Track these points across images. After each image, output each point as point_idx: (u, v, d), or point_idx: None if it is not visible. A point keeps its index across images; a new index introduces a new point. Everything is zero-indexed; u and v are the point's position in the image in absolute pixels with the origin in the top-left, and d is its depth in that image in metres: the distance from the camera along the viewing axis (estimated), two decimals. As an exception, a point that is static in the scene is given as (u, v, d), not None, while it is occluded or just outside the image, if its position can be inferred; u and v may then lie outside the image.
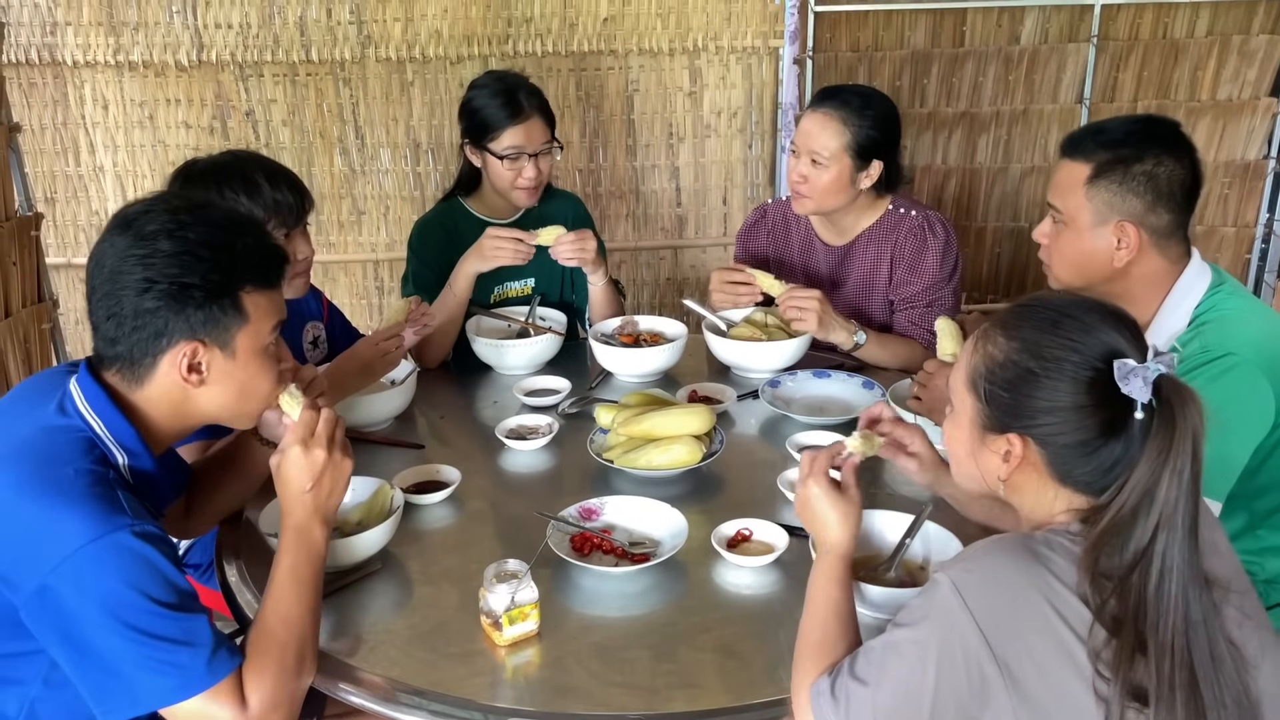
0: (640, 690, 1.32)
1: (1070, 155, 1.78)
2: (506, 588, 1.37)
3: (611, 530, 1.63)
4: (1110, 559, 1.07)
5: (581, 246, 2.29)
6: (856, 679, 1.14)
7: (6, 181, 2.61)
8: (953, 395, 1.26)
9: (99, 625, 1.19)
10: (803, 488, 1.40)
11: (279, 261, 1.42)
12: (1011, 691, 1.05)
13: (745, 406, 2.11)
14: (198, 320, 1.32)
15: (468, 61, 3.25)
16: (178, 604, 1.22)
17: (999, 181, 3.52)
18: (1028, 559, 1.09)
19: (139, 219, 1.32)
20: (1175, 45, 3.38)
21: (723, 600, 1.50)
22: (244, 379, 1.38)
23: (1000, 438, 1.18)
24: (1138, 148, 1.72)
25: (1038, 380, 1.13)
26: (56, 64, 3.22)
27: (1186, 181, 1.73)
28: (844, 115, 2.21)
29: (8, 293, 2.59)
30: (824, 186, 2.24)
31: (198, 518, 1.68)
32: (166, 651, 1.20)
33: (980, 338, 1.20)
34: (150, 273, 1.29)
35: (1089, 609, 1.05)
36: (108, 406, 1.33)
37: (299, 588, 1.35)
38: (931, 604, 1.10)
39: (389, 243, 3.45)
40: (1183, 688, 1.03)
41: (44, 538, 1.20)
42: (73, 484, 1.23)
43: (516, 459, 1.93)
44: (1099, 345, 1.12)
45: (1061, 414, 1.12)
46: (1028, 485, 1.19)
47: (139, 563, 1.21)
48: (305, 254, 2.00)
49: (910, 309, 2.31)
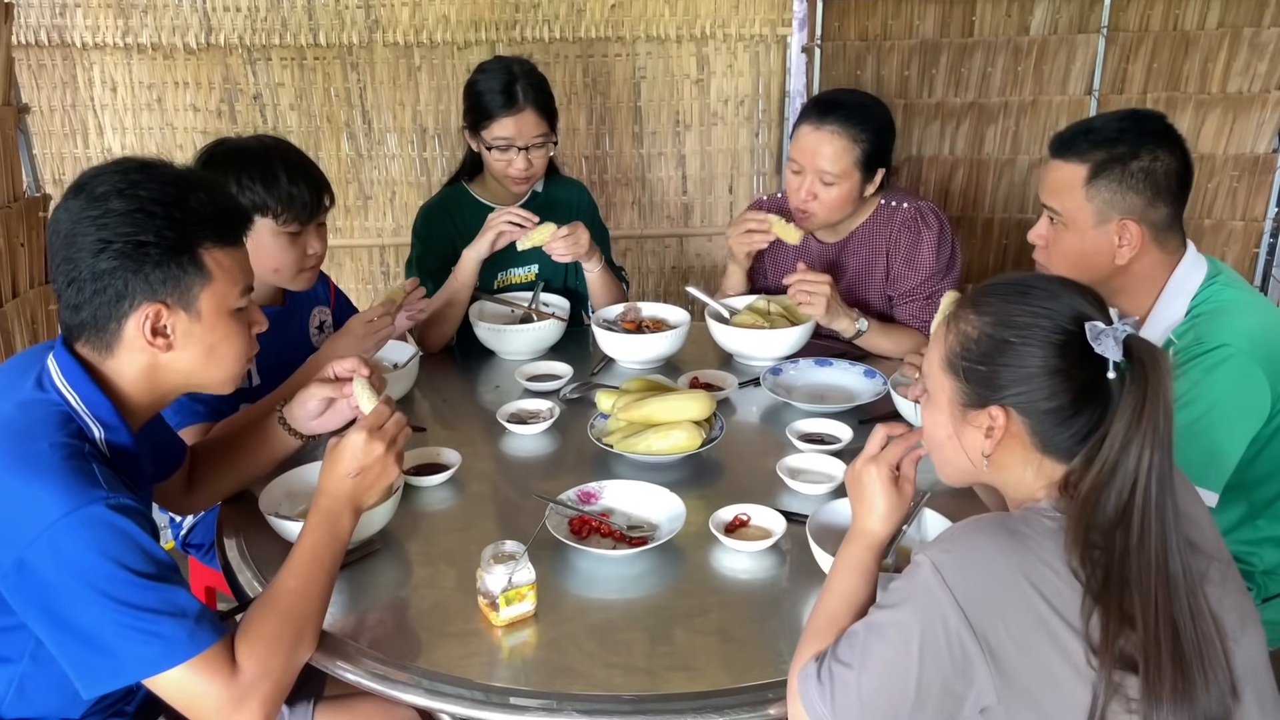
0: (637, 671, 1.32)
1: (1063, 156, 1.78)
2: (504, 569, 1.38)
3: (610, 514, 1.64)
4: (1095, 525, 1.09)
5: (575, 241, 2.28)
6: (841, 662, 1.14)
7: (15, 163, 2.62)
8: (928, 382, 1.27)
9: (77, 597, 1.18)
10: (865, 464, 1.35)
11: (239, 218, 1.41)
12: (992, 666, 1.06)
13: (746, 394, 2.11)
14: (157, 279, 1.30)
15: (475, 47, 3.25)
16: (156, 574, 1.22)
17: (1006, 172, 3.50)
18: (1005, 537, 1.11)
19: (90, 182, 1.31)
20: (1186, 37, 3.35)
21: (719, 584, 1.51)
22: (212, 341, 1.37)
23: (982, 412, 1.19)
24: (1132, 144, 1.73)
25: (1012, 348, 1.15)
26: (65, 45, 3.23)
27: (1181, 173, 1.74)
28: (851, 131, 2.18)
29: (15, 273, 2.60)
30: (834, 203, 2.23)
31: (201, 494, 1.70)
32: (147, 621, 1.19)
33: (951, 320, 1.23)
34: (104, 233, 1.28)
35: (1078, 581, 1.07)
36: (82, 379, 1.32)
37: (316, 568, 1.35)
38: (912, 585, 1.12)
39: (395, 228, 3.46)
40: (1167, 641, 1.04)
41: (20, 512, 1.20)
42: (48, 458, 1.22)
43: (517, 443, 1.94)
44: (1068, 309, 1.14)
45: (1038, 379, 1.14)
46: (1011, 460, 1.20)
47: (115, 535, 1.20)
48: (316, 250, 2.01)
49: (910, 303, 2.30)
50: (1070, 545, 1.08)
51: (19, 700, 1.33)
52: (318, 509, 1.40)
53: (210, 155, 1.94)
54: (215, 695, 1.23)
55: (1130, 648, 1.04)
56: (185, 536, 2.17)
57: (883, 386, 2.03)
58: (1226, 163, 3.45)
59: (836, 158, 2.18)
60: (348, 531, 1.41)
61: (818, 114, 2.21)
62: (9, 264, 2.58)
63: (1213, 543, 1.18)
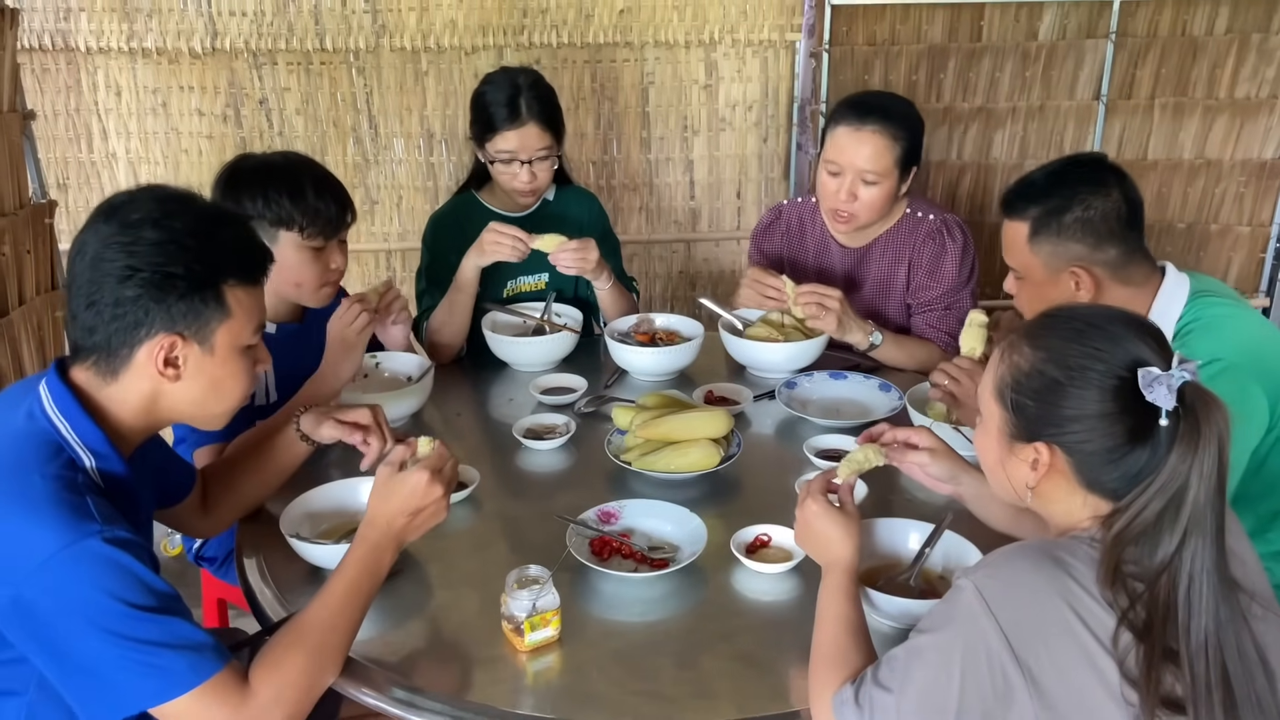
0: (663, 699, 1.32)
1: (1008, 215, 1.86)
2: (528, 594, 1.38)
3: (630, 534, 1.63)
4: (1137, 563, 1.09)
5: (582, 257, 2.26)
6: (880, 686, 1.15)
7: (21, 169, 2.61)
8: (981, 405, 1.28)
9: (76, 632, 1.18)
10: (801, 511, 1.44)
11: (262, 258, 1.42)
12: (1033, 692, 1.07)
13: (761, 407, 2.11)
14: (178, 312, 1.31)
15: (482, 52, 3.24)
16: (156, 606, 1.21)
17: (1014, 178, 3.45)
18: (1049, 564, 1.11)
19: (124, 207, 1.31)
20: (1194, 42, 3.35)
21: (743, 607, 1.51)
22: (220, 377, 1.37)
23: (1028, 446, 1.20)
24: (1064, 195, 1.77)
25: (1064, 389, 1.15)
26: (70, 50, 3.20)
27: (1121, 213, 1.77)
28: (891, 130, 2.19)
29: (22, 280, 2.58)
30: (874, 204, 2.23)
31: (218, 513, 1.69)
32: (147, 654, 1.19)
33: (1007, 348, 1.22)
34: (133, 260, 1.28)
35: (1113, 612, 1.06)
36: (73, 407, 1.32)
37: (351, 602, 1.35)
38: (955, 609, 1.12)
39: (401, 232, 3.44)
40: (1218, 688, 1.04)
41: (15, 548, 1.19)
42: (40, 491, 1.22)
43: (534, 458, 1.93)
44: (1124, 354, 1.14)
45: (1088, 422, 1.14)
46: (1055, 493, 1.20)
47: (112, 568, 1.19)
48: (338, 265, 2.00)
49: (929, 312, 2.31)
50: (1103, 578, 1.08)
51: None
52: (365, 541, 1.39)
53: (236, 170, 1.93)
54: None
55: (1176, 689, 1.04)
56: (198, 550, 2.16)
57: (898, 401, 2.02)
58: (1234, 168, 3.46)
59: (878, 157, 2.18)
60: (388, 567, 1.41)
61: (856, 115, 2.21)
62: (16, 270, 2.56)
63: (1256, 579, 1.18)
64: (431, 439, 1.50)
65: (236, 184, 1.92)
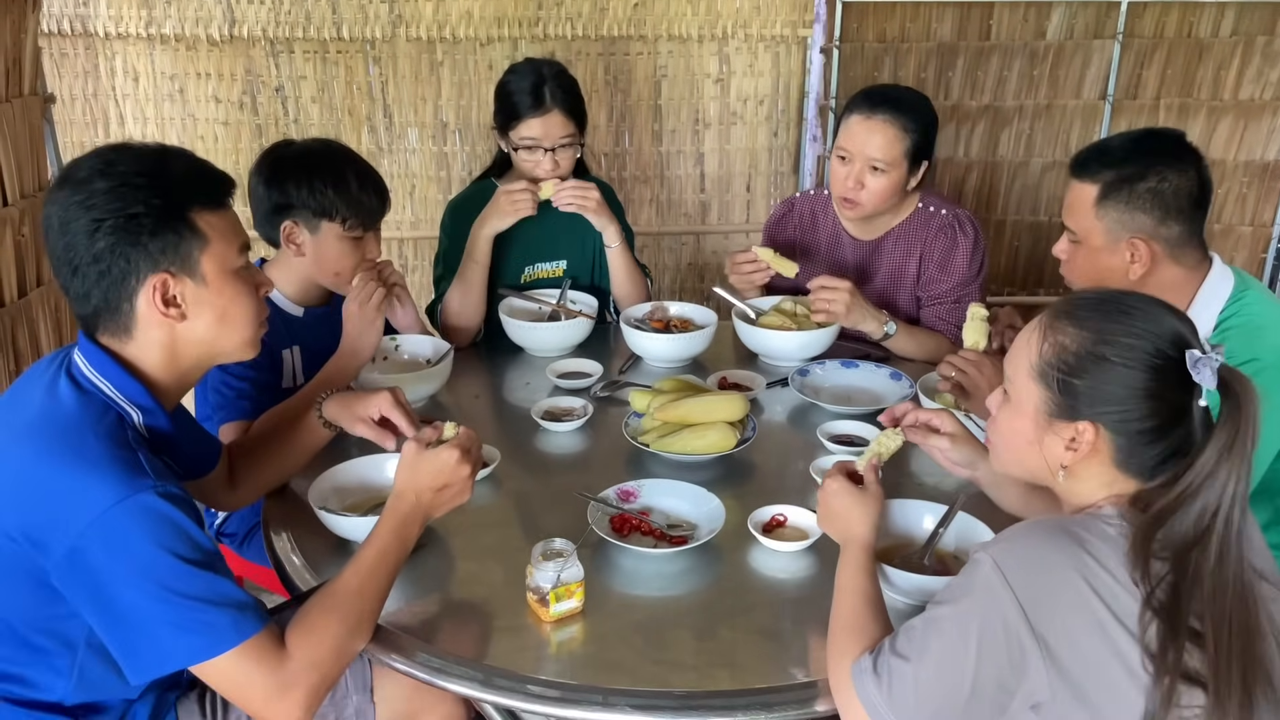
0: (684, 668, 1.36)
1: (1078, 176, 1.83)
2: (553, 566, 1.41)
3: (649, 512, 1.67)
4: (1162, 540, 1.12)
5: (583, 195, 2.32)
6: (898, 655, 1.18)
7: (41, 151, 2.63)
8: (1010, 386, 1.28)
9: (128, 584, 1.21)
10: (822, 490, 1.49)
11: (222, 181, 1.43)
12: (1048, 663, 1.10)
13: (774, 394, 2.15)
14: (156, 249, 1.32)
15: (497, 43, 3.27)
16: (203, 561, 1.24)
17: (1020, 175, 3.54)
18: (1065, 538, 1.14)
19: (70, 171, 1.34)
20: (1200, 44, 3.39)
21: (760, 583, 1.55)
22: (222, 304, 1.39)
23: (1070, 425, 1.21)
24: (1141, 164, 1.76)
25: (1113, 367, 1.17)
26: (88, 35, 3.24)
27: (1193, 192, 1.76)
28: (903, 121, 2.22)
29: (40, 261, 2.62)
30: (881, 192, 2.26)
31: (244, 488, 1.73)
32: (194, 610, 1.22)
33: (1046, 328, 1.23)
34: (93, 213, 1.30)
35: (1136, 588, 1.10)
36: (111, 366, 1.35)
37: (380, 570, 1.39)
38: (973, 581, 1.15)
39: (414, 221, 3.48)
40: (1238, 662, 1.07)
41: (71, 502, 1.22)
42: (94, 447, 1.25)
43: (552, 440, 1.97)
44: (1169, 332, 1.16)
45: (1135, 400, 1.16)
46: (1086, 471, 1.22)
47: (164, 522, 1.23)
48: (374, 254, 2.04)
49: (939, 305, 2.34)
50: (1134, 557, 1.11)
51: (80, 687, 1.36)
52: (395, 513, 1.43)
53: (279, 157, 1.97)
54: (261, 683, 1.26)
55: (1196, 664, 1.07)
56: (220, 525, 2.20)
57: (909, 390, 2.06)
58: (1237, 169, 3.50)
59: (887, 146, 2.21)
60: (415, 539, 1.44)
61: (868, 105, 2.25)
62: (34, 252, 2.59)
63: (1267, 564, 1.21)
64: (456, 424, 1.53)
65: (280, 172, 1.96)
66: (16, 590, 1.28)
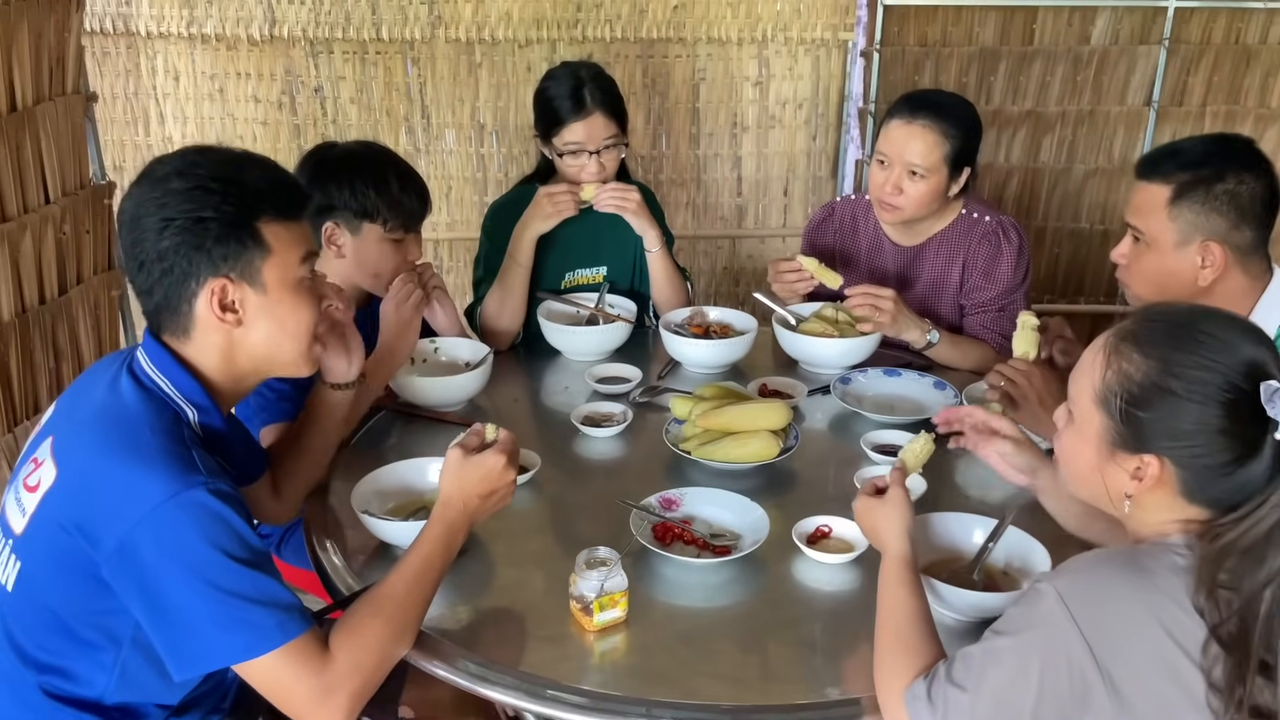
0: (729, 680, 1.34)
1: (1148, 177, 1.80)
2: (597, 574, 1.40)
3: (691, 521, 1.65)
4: (1232, 573, 1.08)
5: (623, 196, 2.32)
6: (955, 685, 1.15)
7: (83, 149, 2.65)
8: (1075, 408, 1.24)
9: (176, 580, 1.22)
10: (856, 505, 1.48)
11: (295, 192, 1.44)
12: (1113, 699, 1.07)
13: (815, 401, 2.12)
14: (219, 255, 1.33)
15: (536, 45, 3.27)
16: (252, 560, 1.25)
17: (1061, 182, 3.49)
18: (1134, 572, 1.10)
19: (152, 168, 1.36)
20: (1247, 51, 3.34)
21: (805, 595, 1.53)
22: (281, 314, 1.40)
23: (1134, 457, 1.16)
24: (1217, 167, 1.73)
25: (1179, 401, 1.12)
26: (130, 34, 3.26)
27: (1267, 198, 1.74)
28: (943, 126, 2.19)
29: (81, 260, 2.63)
30: (920, 198, 2.23)
31: (286, 493, 1.72)
32: (241, 609, 1.22)
33: (1111, 353, 1.18)
34: (165, 211, 1.31)
35: (1202, 620, 1.06)
36: (171, 365, 1.36)
37: (426, 576, 1.38)
38: (1035, 613, 1.12)
39: (450, 223, 3.48)
40: None
41: (124, 496, 1.23)
42: (149, 443, 1.27)
43: (592, 445, 1.96)
44: (1241, 365, 1.11)
45: (1205, 436, 1.12)
46: (1153, 502, 1.18)
47: (215, 520, 1.23)
48: (415, 257, 2.05)
49: (983, 313, 2.31)
50: (1199, 586, 1.07)
51: (121, 685, 1.36)
52: (441, 520, 1.42)
53: (321, 159, 1.98)
54: (304, 685, 1.26)
55: (1266, 700, 1.04)
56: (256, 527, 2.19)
57: (954, 400, 2.03)
58: (1285, 178, 3.44)
59: (926, 152, 2.19)
60: (460, 544, 1.44)
61: (909, 109, 2.22)
62: (75, 250, 2.61)
63: None
64: (496, 426, 1.52)
65: (322, 174, 1.96)
66: (68, 582, 1.29)
